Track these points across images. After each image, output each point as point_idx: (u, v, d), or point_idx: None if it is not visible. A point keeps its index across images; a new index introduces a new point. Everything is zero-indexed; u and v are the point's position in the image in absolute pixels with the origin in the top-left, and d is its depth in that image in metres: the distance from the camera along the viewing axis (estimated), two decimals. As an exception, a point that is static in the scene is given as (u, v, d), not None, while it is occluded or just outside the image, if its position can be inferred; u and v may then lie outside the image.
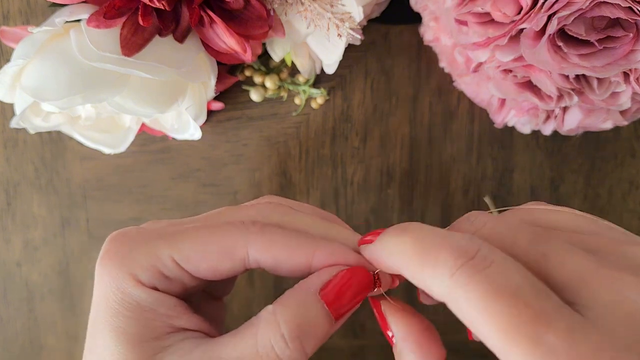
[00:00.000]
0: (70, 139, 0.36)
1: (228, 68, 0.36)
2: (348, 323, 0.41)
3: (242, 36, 0.29)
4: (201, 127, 0.33)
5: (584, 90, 0.28)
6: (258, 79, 0.36)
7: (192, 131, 0.33)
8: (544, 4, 0.25)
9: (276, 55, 0.34)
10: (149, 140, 0.38)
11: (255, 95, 0.36)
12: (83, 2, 0.28)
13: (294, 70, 0.36)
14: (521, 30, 0.26)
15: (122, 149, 0.35)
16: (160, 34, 0.28)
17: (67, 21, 0.27)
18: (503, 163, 0.38)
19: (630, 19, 0.24)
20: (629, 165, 0.38)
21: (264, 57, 0.35)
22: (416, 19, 0.33)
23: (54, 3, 0.29)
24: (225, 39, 0.29)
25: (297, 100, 0.37)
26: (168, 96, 0.30)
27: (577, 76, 0.28)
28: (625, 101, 0.28)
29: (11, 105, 0.37)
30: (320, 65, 0.35)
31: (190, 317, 0.24)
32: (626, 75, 0.27)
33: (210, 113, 0.37)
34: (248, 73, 0.36)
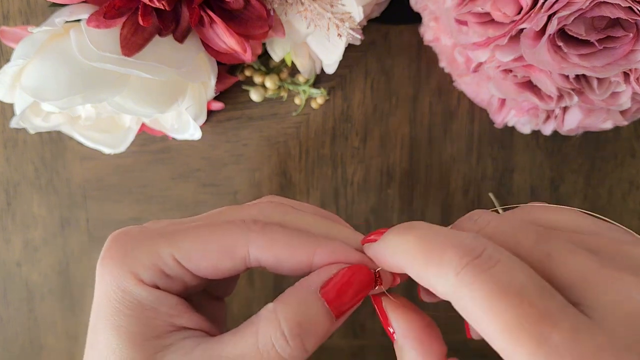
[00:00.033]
0: (70, 139, 0.36)
1: (228, 68, 0.35)
2: (348, 323, 0.41)
3: (242, 36, 0.29)
4: (201, 127, 0.33)
5: (584, 90, 0.28)
6: (258, 79, 0.36)
7: (192, 131, 0.33)
8: (544, 4, 0.25)
9: (276, 55, 0.34)
10: (149, 140, 0.38)
11: (255, 95, 0.36)
12: (83, 2, 0.28)
13: (294, 70, 0.36)
14: (521, 30, 0.26)
15: (122, 149, 0.35)
16: (160, 34, 0.28)
17: (67, 21, 0.27)
18: (503, 163, 0.38)
19: (630, 19, 0.24)
20: (629, 165, 0.38)
21: (264, 57, 0.35)
22: (416, 19, 0.33)
23: (54, 3, 0.29)
24: (225, 39, 0.29)
25: (297, 100, 0.37)
26: (168, 96, 0.30)
27: (577, 76, 0.28)
28: (625, 101, 0.28)
29: (11, 105, 0.37)
30: (320, 65, 0.35)
31: (191, 316, 0.24)
32: (626, 75, 0.27)
33: (210, 113, 0.37)
34: (248, 73, 0.36)
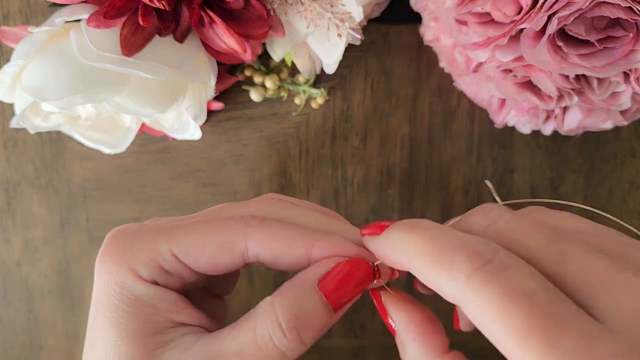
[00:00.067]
0: (70, 139, 0.36)
1: (228, 68, 0.35)
2: (348, 323, 0.41)
3: (242, 36, 0.29)
4: (201, 127, 0.33)
5: (584, 90, 0.28)
6: (258, 79, 0.36)
7: (192, 131, 0.33)
8: (544, 4, 0.25)
9: (276, 55, 0.34)
10: (149, 140, 0.38)
11: (255, 95, 0.36)
12: (83, 2, 0.28)
13: (294, 70, 0.36)
14: (521, 30, 0.26)
15: (122, 149, 0.35)
16: (160, 34, 0.28)
17: (67, 21, 0.27)
18: (503, 163, 0.38)
19: (630, 19, 0.24)
20: (629, 165, 0.38)
21: (264, 57, 0.35)
22: (416, 19, 0.33)
23: (54, 3, 0.29)
24: (225, 39, 0.29)
25: (297, 100, 0.37)
26: (168, 96, 0.30)
27: (577, 76, 0.28)
28: (625, 101, 0.28)
29: (11, 105, 0.37)
30: (320, 65, 0.35)
31: (190, 312, 0.24)
32: (626, 75, 0.27)
33: (210, 113, 0.37)
34: (248, 73, 0.36)
